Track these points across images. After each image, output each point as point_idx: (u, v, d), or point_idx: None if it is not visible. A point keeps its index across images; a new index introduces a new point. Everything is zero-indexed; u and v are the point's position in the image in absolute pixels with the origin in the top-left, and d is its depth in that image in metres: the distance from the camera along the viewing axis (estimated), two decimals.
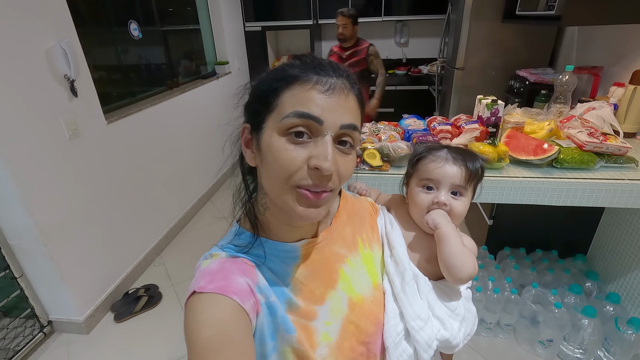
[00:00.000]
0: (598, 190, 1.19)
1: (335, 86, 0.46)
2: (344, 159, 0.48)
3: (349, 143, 0.48)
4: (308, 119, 0.44)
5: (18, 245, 1.63)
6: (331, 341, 0.53)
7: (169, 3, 2.84)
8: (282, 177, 0.46)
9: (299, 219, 0.48)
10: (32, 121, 1.53)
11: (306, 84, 0.45)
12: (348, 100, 0.47)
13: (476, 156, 0.68)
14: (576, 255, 1.89)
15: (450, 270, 0.60)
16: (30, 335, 1.74)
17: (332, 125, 0.45)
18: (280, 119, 0.45)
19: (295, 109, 0.44)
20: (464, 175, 0.65)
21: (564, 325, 1.50)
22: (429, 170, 0.67)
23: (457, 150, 0.69)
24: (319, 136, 0.45)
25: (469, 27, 2.31)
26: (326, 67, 0.47)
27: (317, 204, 0.47)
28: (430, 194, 0.66)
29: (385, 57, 4.14)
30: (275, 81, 0.47)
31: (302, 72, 0.46)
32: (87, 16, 2.02)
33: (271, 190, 0.49)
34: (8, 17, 1.41)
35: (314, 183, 0.45)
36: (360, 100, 0.50)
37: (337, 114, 0.45)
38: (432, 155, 0.68)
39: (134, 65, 2.48)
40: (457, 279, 0.60)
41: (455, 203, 0.66)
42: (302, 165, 0.45)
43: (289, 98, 0.45)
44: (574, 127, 1.32)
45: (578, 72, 1.88)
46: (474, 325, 0.67)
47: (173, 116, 2.61)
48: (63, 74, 1.65)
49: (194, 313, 0.45)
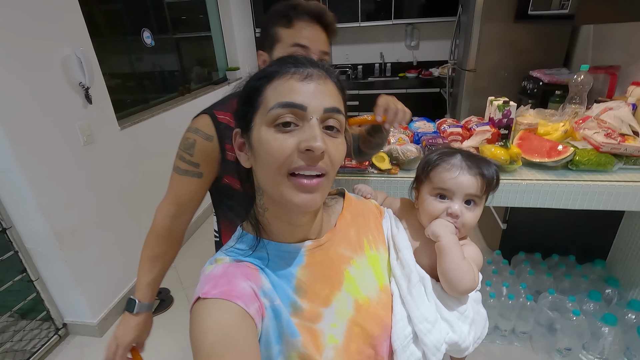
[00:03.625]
0: (617, 193, 1.14)
1: (312, 74, 0.48)
2: (332, 142, 0.49)
3: (335, 127, 0.49)
4: (292, 107, 0.46)
5: (34, 249, 1.67)
6: (338, 343, 0.52)
7: (182, 11, 2.90)
8: (275, 166, 0.47)
9: (296, 208, 0.48)
10: (48, 127, 1.57)
11: (285, 75, 0.48)
12: (327, 85, 0.49)
13: (491, 162, 0.66)
14: (595, 260, 1.83)
15: (448, 284, 0.60)
16: (45, 337, 1.77)
17: (315, 109, 0.47)
18: (266, 113, 0.47)
19: (278, 100, 0.46)
20: (479, 185, 0.63)
21: (583, 333, 1.44)
22: (443, 180, 0.64)
23: (471, 157, 0.66)
24: (305, 121, 0.47)
25: (480, 28, 2.28)
26: (301, 59, 0.50)
27: (312, 189, 0.47)
28: (443, 203, 0.64)
29: (396, 60, 4.14)
30: (256, 81, 0.50)
31: (279, 67, 0.49)
32: (102, 25, 2.08)
33: (267, 183, 0.50)
34: (26, 27, 1.46)
35: (307, 164, 0.46)
36: (339, 86, 0.52)
37: (318, 99, 0.47)
38: (446, 164, 0.65)
39: (147, 73, 2.53)
40: (455, 292, 0.60)
41: (468, 214, 0.64)
42: (293, 151, 0.46)
43: (271, 92, 0.48)
44: (590, 128, 1.28)
45: (594, 71, 1.83)
46: (485, 329, 0.65)
47: (185, 122, 2.62)
48: (78, 82, 1.69)
49: (199, 319, 0.46)
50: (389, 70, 4.14)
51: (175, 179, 0.82)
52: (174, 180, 0.83)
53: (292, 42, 0.78)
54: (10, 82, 1.41)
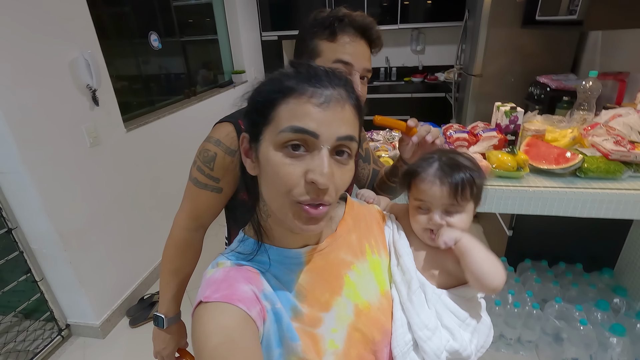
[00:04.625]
0: (626, 201, 1.12)
1: (330, 98, 0.46)
2: (340, 169, 0.48)
3: (346, 153, 0.48)
4: (304, 134, 0.44)
5: (39, 249, 1.68)
6: (338, 349, 0.52)
7: (189, 14, 2.92)
8: (282, 191, 0.46)
9: (298, 231, 0.48)
10: (55, 129, 1.58)
11: (301, 97, 0.45)
12: (344, 112, 0.47)
13: (466, 169, 0.62)
14: (603, 269, 1.80)
15: (484, 280, 0.56)
16: (49, 338, 1.77)
17: (328, 138, 0.45)
18: (277, 133, 0.45)
19: (291, 124, 0.45)
20: (452, 194, 0.61)
21: (590, 343, 1.42)
22: (420, 191, 0.63)
23: (446, 163, 0.63)
24: (315, 149, 0.45)
25: (487, 33, 2.27)
26: (321, 77, 0.47)
27: (316, 218, 0.47)
28: (425, 214, 0.64)
29: (402, 65, 4.14)
30: (271, 92, 0.47)
31: (297, 84, 0.46)
32: (110, 28, 2.10)
33: (271, 202, 0.50)
34: (36, 30, 1.48)
35: (312, 197, 0.45)
36: (358, 109, 0.50)
37: (333, 127, 0.45)
38: (424, 173, 0.64)
39: (154, 75, 2.55)
40: (492, 288, 0.56)
41: (453, 221, 0.62)
42: (300, 179, 0.45)
43: (285, 111, 0.46)
44: (598, 135, 1.26)
45: (603, 77, 1.81)
46: (489, 337, 0.64)
47: (190, 124, 2.65)
48: (85, 84, 1.71)
49: (201, 323, 0.46)
50: (394, 75, 4.14)
51: (193, 191, 0.76)
52: (191, 193, 0.77)
53: (334, 57, 0.72)
54: (19, 85, 1.42)
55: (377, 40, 0.77)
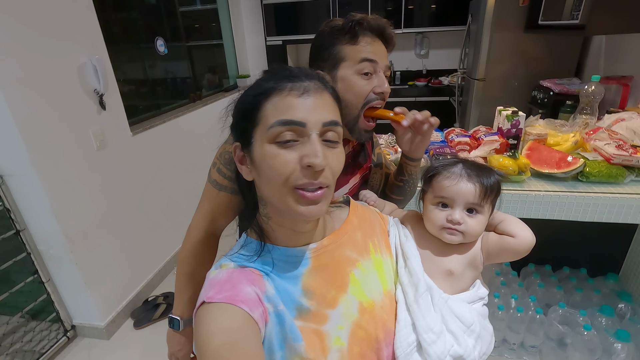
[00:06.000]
0: (628, 205, 1.12)
1: (309, 88, 0.49)
2: (332, 152, 0.50)
3: (333, 137, 0.51)
4: (292, 125, 0.47)
5: (46, 250, 1.70)
6: (343, 346, 0.52)
7: (195, 20, 2.96)
8: (280, 181, 0.48)
9: (302, 218, 0.50)
10: (63, 133, 1.61)
11: (282, 92, 0.49)
12: (324, 98, 0.50)
13: (492, 171, 0.66)
14: (607, 274, 1.78)
15: (522, 239, 0.65)
16: (54, 338, 1.80)
17: (314, 124, 0.48)
18: (267, 130, 0.48)
19: (277, 118, 0.47)
20: (478, 192, 0.63)
21: (594, 349, 1.40)
22: (443, 188, 0.65)
23: (472, 165, 0.66)
24: (305, 136, 0.48)
25: (490, 37, 2.27)
26: (296, 73, 0.51)
27: (316, 201, 0.49)
28: (444, 211, 0.64)
29: (406, 68, 4.14)
30: (254, 96, 0.50)
31: (276, 83, 0.50)
32: (117, 33, 2.14)
33: (272, 196, 0.51)
34: (46, 35, 1.51)
35: (309, 181, 0.48)
36: (335, 96, 0.53)
37: (317, 114, 0.48)
38: (447, 172, 0.65)
39: (160, 80, 2.58)
40: (528, 247, 0.65)
41: (471, 221, 0.63)
42: (296, 165, 0.47)
43: (270, 109, 0.49)
44: (601, 139, 1.26)
45: (606, 82, 1.80)
46: (491, 345, 0.64)
47: (195, 128, 2.68)
48: (93, 89, 1.74)
49: (204, 323, 0.46)
50: (398, 79, 4.15)
51: (212, 193, 0.77)
52: (210, 194, 0.78)
53: (359, 57, 0.75)
54: (29, 89, 1.46)
55: (392, 39, 0.82)
